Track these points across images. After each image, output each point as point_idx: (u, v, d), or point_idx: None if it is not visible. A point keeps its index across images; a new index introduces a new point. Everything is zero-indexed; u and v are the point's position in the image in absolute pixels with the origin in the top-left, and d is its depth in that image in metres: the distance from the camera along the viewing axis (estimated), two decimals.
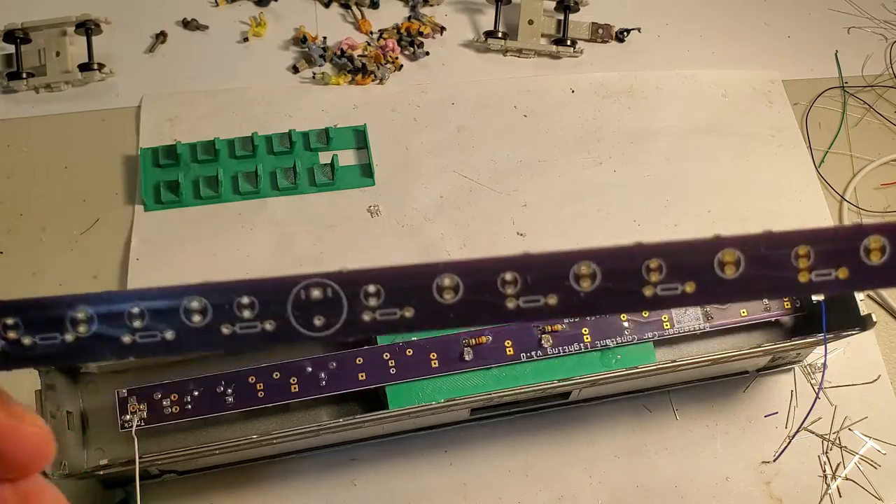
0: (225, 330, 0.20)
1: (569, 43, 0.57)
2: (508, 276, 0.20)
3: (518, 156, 0.53)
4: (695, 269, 0.21)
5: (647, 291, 0.21)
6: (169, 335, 0.19)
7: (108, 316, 0.19)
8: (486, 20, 0.59)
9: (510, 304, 0.20)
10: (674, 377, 0.43)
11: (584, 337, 0.41)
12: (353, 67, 0.55)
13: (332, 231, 0.50)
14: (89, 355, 0.19)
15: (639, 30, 0.59)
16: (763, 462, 0.44)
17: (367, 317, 0.20)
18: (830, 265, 0.21)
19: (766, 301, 0.43)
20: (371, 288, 0.20)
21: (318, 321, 0.20)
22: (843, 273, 0.21)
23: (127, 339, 0.19)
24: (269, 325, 0.20)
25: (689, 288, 0.21)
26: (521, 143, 0.54)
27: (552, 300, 0.20)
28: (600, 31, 0.58)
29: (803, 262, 0.21)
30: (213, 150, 0.51)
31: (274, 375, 0.39)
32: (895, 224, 0.21)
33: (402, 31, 0.57)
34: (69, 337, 0.19)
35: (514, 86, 0.56)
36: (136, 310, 0.19)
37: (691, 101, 0.56)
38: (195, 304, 0.19)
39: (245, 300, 0.20)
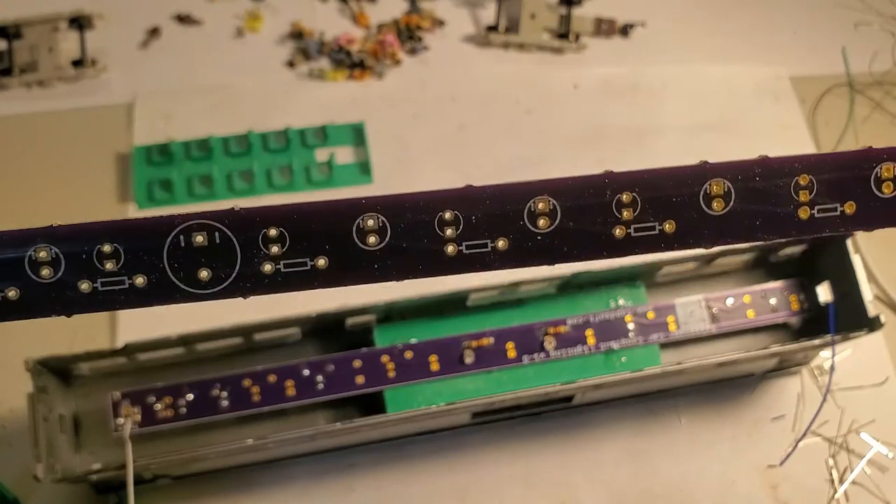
0: (83, 286, 0.16)
1: (572, 38, 0.56)
2: (448, 216, 0.17)
3: (520, 153, 0.52)
4: (676, 205, 0.18)
5: (618, 231, 0.17)
6: (11, 294, 0.16)
7: None
8: (487, 14, 0.58)
9: (449, 250, 0.17)
10: (679, 380, 0.43)
11: (588, 339, 0.40)
12: (351, 62, 0.54)
13: None
14: None
15: (643, 24, 0.58)
16: (769, 466, 0.44)
17: (267, 268, 0.16)
18: (836, 198, 0.18)
19: (773, 302, 0.42)
20: (272, 232, 0.16)
21: (204, 274, 0.16)
22: (850, 208, 0.18)
23: None
24: (139, 280, 0.16)
25: (669, 227, 0.18)
26: (523, 141, 0.53)
27: (501, 244, 0.17)
28: (604, 25, 0.57)
29: (804, 194, 0.18)
30: (207, 147, 0.50)
31: (269, 379, 0.38)
32: None
33: (401, 25, 0.56)
34: None
35: (516, 81, 0.55)
36: None
37: (697, 97, 0.56)
38: (42, 255, 0.16)
39: (107, 248, 0.16)
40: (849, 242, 0.41)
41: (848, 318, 0.40)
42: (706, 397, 0.45)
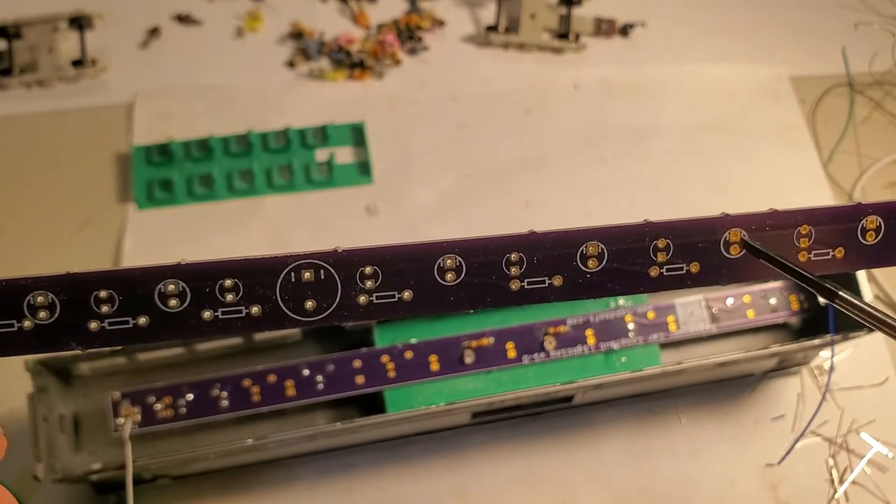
0: (206, 315, 0.18)
1: (572, 38, 0.56)
2: (514, 257, 0.19)
3: (520, 153, 0.52)
4: (701, 249, 0.20)
5: (653, 272, 0.20)
6: (142, 321, 0.18)
7: (71, 301, 0.18)
8: (487, 14, 0.58)
9: (514, 286, 0.19)
10: (679, 380, 0.43)
11: (588, 339, 0.40)
12: (351, 62, 0.54)
13: (329, 230, 0.49)
14: (51, 344, 0.18)
15: (643, 24, 0.58)
16: (769, 466, 0.44)
17: (362, 299, 0.18)
18: (829, 245, 0.21)
19: (772, 302, 0.42)
20: (368, 269, 0.18)
21: (309, 305, 0.18)
22: (839, 252, 0.21)
23: (94, 325, 0.18)
24: (255, 310, 0.18)
25: (694, 268, 0.20)
26: (523, 141, 0.53)
27: (557, 281, 0.19)
28: (604, 25, 0.57)
29: (804, 241, 0.21)
30: (207, 147, 0.50)
31: (269, 379, 0.38)
32: (889, 204, 0.21)
33: (401, 25, 0.56)
34: (27, 324, 0.17)
35: (516, 81, 0.55)
36: (103, 294, 0.18)
37: (697, 97, 0.55)
38: (171, 288, 0.18)
39: (228, 283, 0.18)
40: None
41: (848, 318, 0.40)
42: (706, 397, 0.45)
